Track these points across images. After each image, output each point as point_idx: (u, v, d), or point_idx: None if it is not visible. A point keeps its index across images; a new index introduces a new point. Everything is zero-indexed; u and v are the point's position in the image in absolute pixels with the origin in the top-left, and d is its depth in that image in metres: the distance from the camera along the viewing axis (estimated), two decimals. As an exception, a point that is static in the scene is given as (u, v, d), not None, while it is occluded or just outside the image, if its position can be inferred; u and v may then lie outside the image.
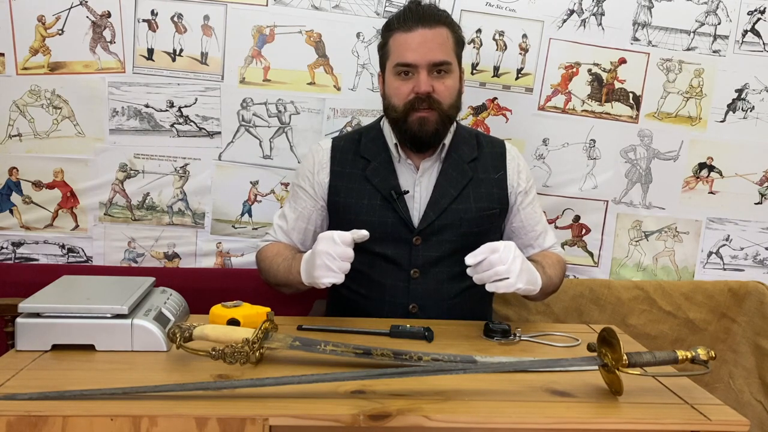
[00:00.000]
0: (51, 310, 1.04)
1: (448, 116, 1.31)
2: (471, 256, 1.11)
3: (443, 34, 1.29)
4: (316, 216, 1.42)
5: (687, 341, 1.85)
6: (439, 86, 1.29)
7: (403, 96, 1.30)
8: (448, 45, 1.29)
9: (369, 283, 1.37)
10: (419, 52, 1.26)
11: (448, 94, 1.30)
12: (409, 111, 1.29)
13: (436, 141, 1.34)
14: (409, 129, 1.30)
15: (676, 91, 1.82)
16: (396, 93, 1.31)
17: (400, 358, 1.00)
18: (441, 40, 1.28)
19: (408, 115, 1.29)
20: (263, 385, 0.89)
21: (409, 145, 1.35)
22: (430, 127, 1.30)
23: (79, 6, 1.65)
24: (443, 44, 1.28)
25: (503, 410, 0.88)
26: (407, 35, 1.28)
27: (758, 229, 1.91)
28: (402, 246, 1.35)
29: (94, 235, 1.77)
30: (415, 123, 1.29)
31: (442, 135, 1.33)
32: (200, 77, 1.70)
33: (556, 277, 1.35)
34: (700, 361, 0.94)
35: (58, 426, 0.81)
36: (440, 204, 1.35)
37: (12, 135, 1.69)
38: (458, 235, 1.35)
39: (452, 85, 1.31)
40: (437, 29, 1.28)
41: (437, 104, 1.29)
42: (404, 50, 1.28)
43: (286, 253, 1.36)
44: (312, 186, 1.41)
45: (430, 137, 1.31)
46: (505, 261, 1.10)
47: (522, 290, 1.13)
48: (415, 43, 1.27)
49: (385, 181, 1.36)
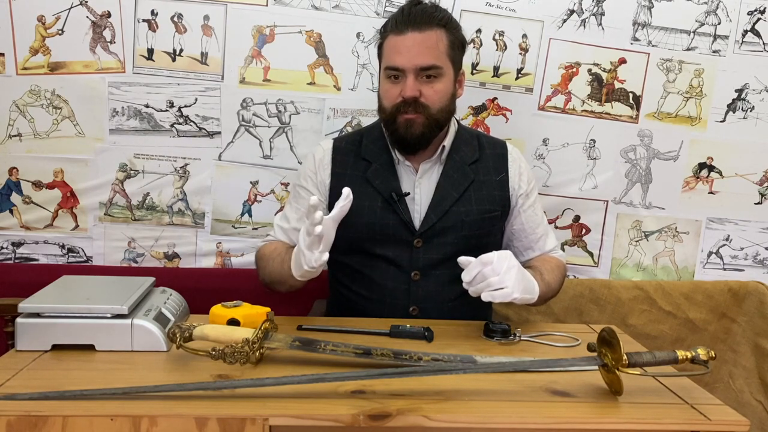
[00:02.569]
0: (51, 310, 1.04)
1: (436, 120, 1.31)
2: (465, 273, 1.13)
3: (434, 37, 1.27)
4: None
5: (687, 341, 1.86)
6: (427, 90, 1.28)
7: (391, 99, 1.30)
8: (439, 48, 1.28)
9: (369, 285, 1.37)
10: (407, 56, 1.26)
11: (437, 99, 1.29)
12: (396, 114, 1.30)
13: (423, 144, 1.33)
14: (396, 131, 1.31)
15: (676, 91, 1.82)
16: (385, 95, 1.32)
17: (400, 358, 1.00)
18: (431, 44, 1.27)
19: (396, 118, 1.30)
20: (263, 385, 0.89)
21: (397, 147, 1.35)
22: (416, 129, 1.29)
23: (79, 6, 1.65)
24: (432, 48, 1.27)
25: (503, 410, 0.88)
26: (398, 38, 1.27)
27: (758, 229, 1.91)
28: (403, 248, 1.35)
29: (94, 235, 1.77)
30: (401, 125, 1.30)
31: (429, 138, 1.33)
32: (200, 77, 1.70)
33: (554, 282, 1.35)
34: (700, 361, 0.94)
35: (58, 426, 0.81)
36: (441, 206, 1.34)
37: (12, 135, 1.69)
38: (459, 238, 1.35)
39: (442, 89, 1.30)
40: (428, 32, 1.26)
41: (424, 108, 1.28)
42: (394, 54, 1.28)
43: (281, 250, 1.35)
44: (315, 186, 1.41)
45: (415, 139, 1.31)
46: (498, 272, 1.10)
47: (519, 300, 1.13)
48: (404, 46, 1.26)
49: (385, 182, 1.36)
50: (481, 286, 1.11)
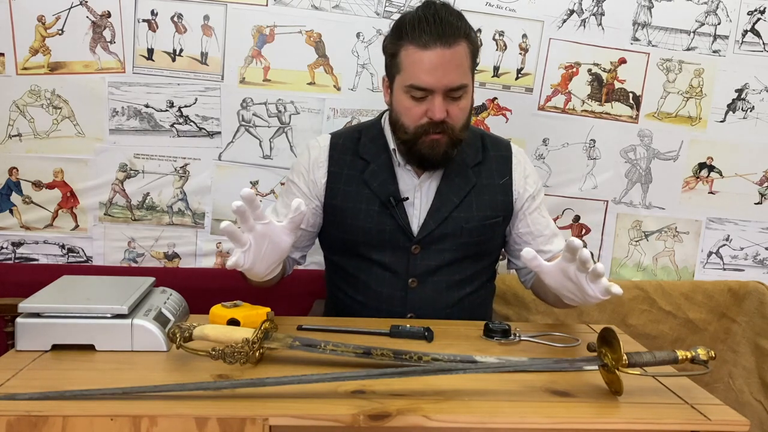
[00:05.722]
0: (51, 310, 1.04)
1: (459, 139, 1.26)
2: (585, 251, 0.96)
3: (462, 52, 1.18)
4: (308, 215, 1.34)
5: (687, 341, 1.86)
6: (453, 110, 1.21)
7: (414, 118, 1.22)
8: (465, 64, 1.20)
9: (366, 291, 1.34)
10: (435, 75, 1.17)
11: (462, 117, 1.23)
12: (421, 134, 1.23)
13: (446, 162, 1.28)
14: (419, 151, 1.25)
15: (676, 91, 1.82)
16: (407, 113, 1.23)
17: (400, 358, 1.00)
18: (459, 61, 1.18)
19: (419, 137, 1.24)
20: (263, 385, 0.89)
21: (415, 164, 1.30)
22: (441, 149, 1.24)
23: (79, 6, 1.65)
24: (461, 65, 1.18)
25: (503, 410, 0.88)
26: (422, 53, 1.16)
27: (758, 229, 1.91)
28: (400, 254, 1.31)
29: (94, 235, 1.77)
30: (426, 146, 1.24)
31: (451, 156, 1.27)
32: (200, 77, 1.70)
33: None
34: (700, 361, 0.94)
35: (58, 426, 0.81)
36: (441, 212, 1.30)
37: (12, 135, 1.69)
38: (458, 245, 1.31)
39: (466, 105, 1.24)
40: (456, 47, 1.17)
41: (450, 128, 1.23)
42: (418, 71, 1.18)
43: None
44: (306, 184, 1.35)
45: (439, 159, 1.26)
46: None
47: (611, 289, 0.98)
48: (432, 64, 1.16)
49: (383, 185, 1.31)
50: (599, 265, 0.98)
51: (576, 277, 0.98)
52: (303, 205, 0.99)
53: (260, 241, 1.00)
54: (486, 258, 1.39)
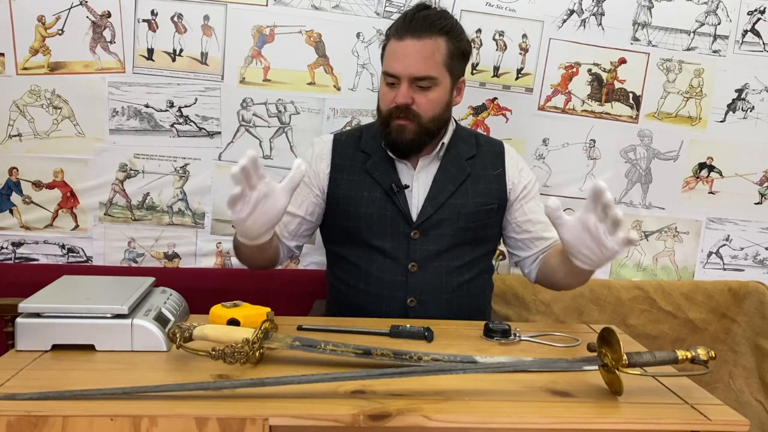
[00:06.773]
0: (51, 310, 1.04)
1: (427, 128, 1.32)
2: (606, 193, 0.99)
3: (432, 46, 1.27)
4: (308, 203, 1.40)
5: (687, 341, 1.86)
6: (420, 99, 1.29)
7: (387, 103, 1.32)
8: (435, 58, 1.28)
9: (367, 278, 1.37)
10: (402, 63, 1.27)
11: (430, 108, 1.30)
12: (389, 118, 1.32)
13: (414, 149, 1.35)
14: (389, 135, 1.33)
15: (676, 91, 1.82)
16: (382, 98, 1.34)
17: (400, 358, 1.00)
18: (427, 54, 1.27)
19: (389, 122, 1.32)
20: (263, 385, 0.89)
21: (389, 149, 1.36)
22: (407, 136, 1.31)
23: (79, 6, 1.65)
24: (429, 58, 1.27)
25: (503, 410, 0.88)
26: (397, 44, 1.28)
27: (758, 229, 1.91)
28: (400, 240, 1.36)
29: (94, 235, 1.77)
30: (393, 130, 1.32)
31: (420, 145, 1.34)
32: (200, 77, 1.70)
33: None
34: (700, 361, 0.94)
35: (58, 426, 0.81)
36: (438, 198, 1.36)
37: (12, 135, 1.69)
38: (456, 230, 1.36)
39: (435, 98, 1.30)
40: (426, 41, 1.27)
41: (415, 116, 1.30)
42: (391, 59, 1.29)
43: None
44: (309, 175, 1.40)
45: (405, 145, 1.33)
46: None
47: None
48: (401, 53, 1.27)
49: (386, 174, 1.37)
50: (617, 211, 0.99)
51: (595, 228, 1.00)
52: (303, 164, 1.06)
53: (259, 197, 1.05)
54: (483, 246, 1.42)
